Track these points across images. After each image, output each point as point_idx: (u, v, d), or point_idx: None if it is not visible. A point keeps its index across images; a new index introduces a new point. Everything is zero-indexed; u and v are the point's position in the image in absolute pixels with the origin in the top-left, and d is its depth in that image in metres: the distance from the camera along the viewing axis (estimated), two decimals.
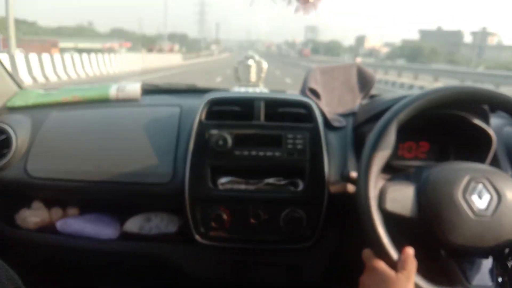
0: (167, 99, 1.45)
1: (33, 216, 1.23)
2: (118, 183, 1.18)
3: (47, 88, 1.50)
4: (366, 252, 0.83)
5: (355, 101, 1.34)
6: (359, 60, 47.96)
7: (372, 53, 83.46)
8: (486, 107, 1.07)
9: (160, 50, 52.87)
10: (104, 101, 1.38)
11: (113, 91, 1.38)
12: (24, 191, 1.24)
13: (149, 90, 1.51)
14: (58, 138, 1.25)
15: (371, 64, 34.26)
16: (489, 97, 0.90)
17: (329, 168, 1.15)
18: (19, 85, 1.44)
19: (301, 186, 1.15)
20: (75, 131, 1.27)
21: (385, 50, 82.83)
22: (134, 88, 1.40)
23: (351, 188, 1.11)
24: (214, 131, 1.16)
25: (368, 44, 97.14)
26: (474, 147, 1.10)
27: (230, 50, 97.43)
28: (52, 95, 1.39)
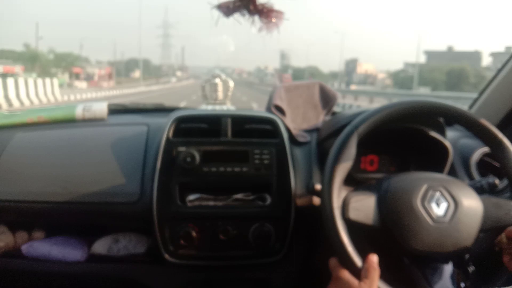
0: (134, 118, 1.46)
1: None
2: (85, 203, 1.16)
3: (11, 109, 1.47)
4: (332, 261, 0.86)
5: (318, 118, 1.38)
6: (354, 87, 39.48)
7: (367, 79, 68.60)
8: (441, 120, 1.14)
9: (89, 77, 40.50)
10: (70, 121, 1.37)
11: (79, 111, 1.38)
12: None
13: (116, 110, 1.51)
14: (23, 159, 1.23)
15: (382, 93, 25.50)
16: (444, 111, 0.97)
17: (295, 182, 1.18)
18: None
19: (268, 200, 1.18)
20: (40, 152, 1.25)
21: (381, 75, 67.05)
22: (100, 108, 1.40)
23: (316, 200, 1.15)
24: (181, 148, 1.17)
25: (361, 69, 77.97)
26: (433, 158, 1.16)
27: (197, 77, 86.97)
28: (16, 116, 1.37)
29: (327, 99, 1.41)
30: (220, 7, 1.03)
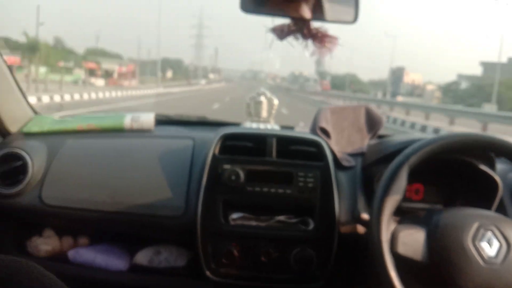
0: (179, 130, 1.48)
1: (44, 244, 1.24)
2: (131, 214, 1.19)
3: (62, 114, 1.52)
4: None
5: (363, 141, 1.37)
6: (400, 99, 33.42)
7: (414, 90, 56.76)
8: (492, 153, 1.11)
9: (108, 74, 34.74)
10: (118, 131, 1.40)
11: (127, 121, 1.41)
12: (37, 219, 1.25)
13: (161, 121, 1.54)
14: (73, 166, 1.27)
15: (439, 108, 18.82)
16: (494, 145, 0.95)
17: (339, 208, 1.17)
18: (34, 110, 1.47)
19: (311, 224, 1.17)
20: (89, 160, 1.29)
21: (430, 87, 54.67)
22: (148, 119, 1.43)
23: (361, 229, 1.13)
24: (227, 166, 1.18)
25: (408, 78, 64.31)
26: (481, 192, 1.13)
27: (229, 80, 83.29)
28: (67, 122, 1.42)
29: (373, 123, 1.40)
30: (274, 30, 1.04)
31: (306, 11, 0.97)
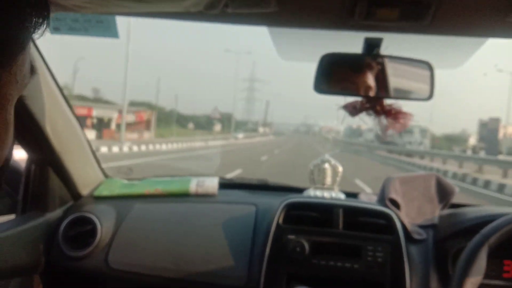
0: (242, 195, 1.49)
1: None
2: (194, 282, 1.19)
3: (130, 177, 1.58)
4: None
5: (434, 212, 1.31)
6: (502, 157, 21.17)
7: None
8: None
9: (103, 124, 26.93)
10: (183, 195, 1.43)
11: (192, 186, 1.44)
12: (100, 281, 1.28)
13: (224, 184, 1.56)
14: (139, 231, 1.29)
15: None
16: None
17: (410, 285, 1.11)
18: (105, 173, 1.53)
19: None
20: (155, 224, 1.31)
21: None
22: (212, 184, 1.46)
23: None
24: (291, 236, 1.16)
25: (505, 132, 40.34)
26: None
27: (279, 134, 77.11)
28: (136, 186, 1.46)
29: (444, 192, 1.34)
30: (346, 107, 1.05)
31: (378, 91, 0.97)
